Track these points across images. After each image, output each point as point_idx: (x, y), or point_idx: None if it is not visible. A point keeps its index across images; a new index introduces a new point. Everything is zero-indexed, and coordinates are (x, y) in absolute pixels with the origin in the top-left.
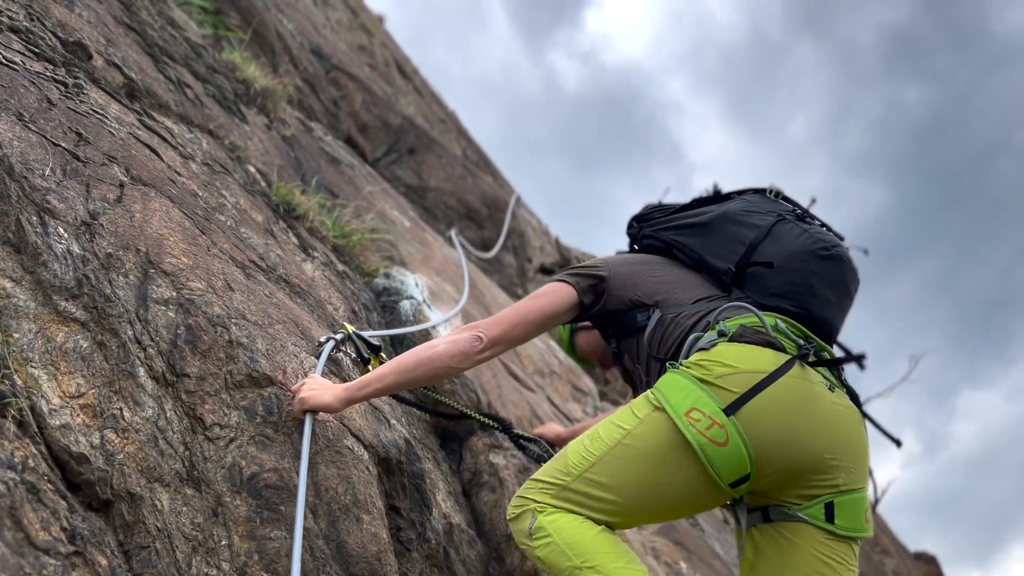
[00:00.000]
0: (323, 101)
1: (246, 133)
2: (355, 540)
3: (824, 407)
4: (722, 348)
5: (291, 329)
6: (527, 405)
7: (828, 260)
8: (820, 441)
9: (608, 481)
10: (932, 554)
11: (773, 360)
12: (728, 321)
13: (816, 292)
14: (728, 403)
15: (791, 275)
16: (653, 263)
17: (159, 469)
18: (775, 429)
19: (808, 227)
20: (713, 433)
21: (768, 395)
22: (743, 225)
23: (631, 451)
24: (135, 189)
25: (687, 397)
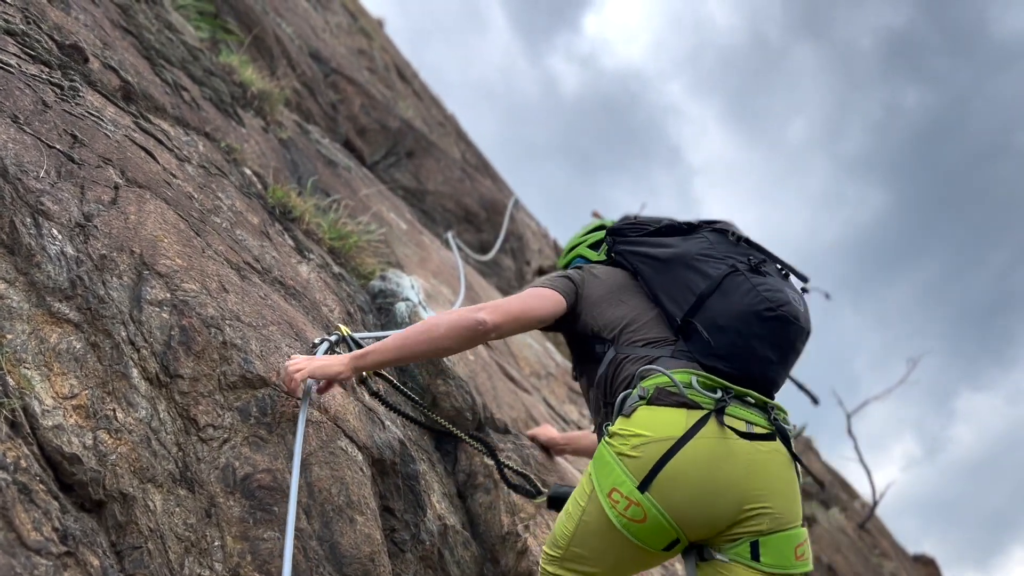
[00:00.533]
0: (321, 104)
1: (242, 136)
2: (349, 541)
3: (738, 461)
4: (639, 414)
5: (285, 331)
6: (523, 407)
7: (773, 322)
8: (735, 496)
9: (585, 553)
10: (931, 556)
11: (684, 422)
12: (646, 381)
13: (756, 354)
14: (642, 478)
15: (733, 336)
16: (620, 288)
17: (152, 470)
18: (689, 494)
19: (761, 280)
20: (632, 512)
21: (678, 462)
22: (697, 272)
23: (590, 527)
24: (130, 191)
25: (608, 477)
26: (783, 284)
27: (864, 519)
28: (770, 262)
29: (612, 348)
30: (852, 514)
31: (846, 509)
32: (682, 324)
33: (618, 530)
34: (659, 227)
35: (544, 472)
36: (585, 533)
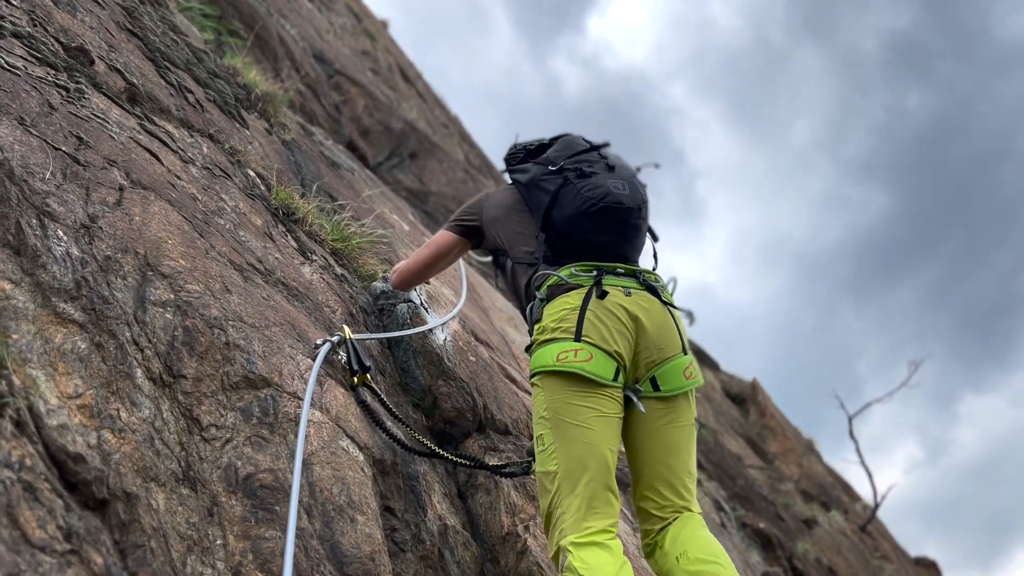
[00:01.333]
0: (325, 106)
1: (246, 137)
2: (349, 540)
3: (626, 306)
4: (545, 310)
5: (288, 331)
6: (523, 408)
7: (598, 214)
8: (631, 328)
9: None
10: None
11: (573, 300)
12: (540, 289)
13: (593, 243)
14: (572, 335)
15: (572, 237)
16: (512, 206)
17: (155, 469)
18: (605, 332)
19: (585, 183)
20: (581, 356)
21: (589, 315)
22: (542, 191)
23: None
24: (135, 192)
25: (548, 355)
26: (607, 178)
27: (865, 521)
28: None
29: (508, 258)
30: (853, 516)
31: (847, 511)
32: (537, 236)
33: (580, 379)
34: (526, 152)
35: None
36: (558, 421)
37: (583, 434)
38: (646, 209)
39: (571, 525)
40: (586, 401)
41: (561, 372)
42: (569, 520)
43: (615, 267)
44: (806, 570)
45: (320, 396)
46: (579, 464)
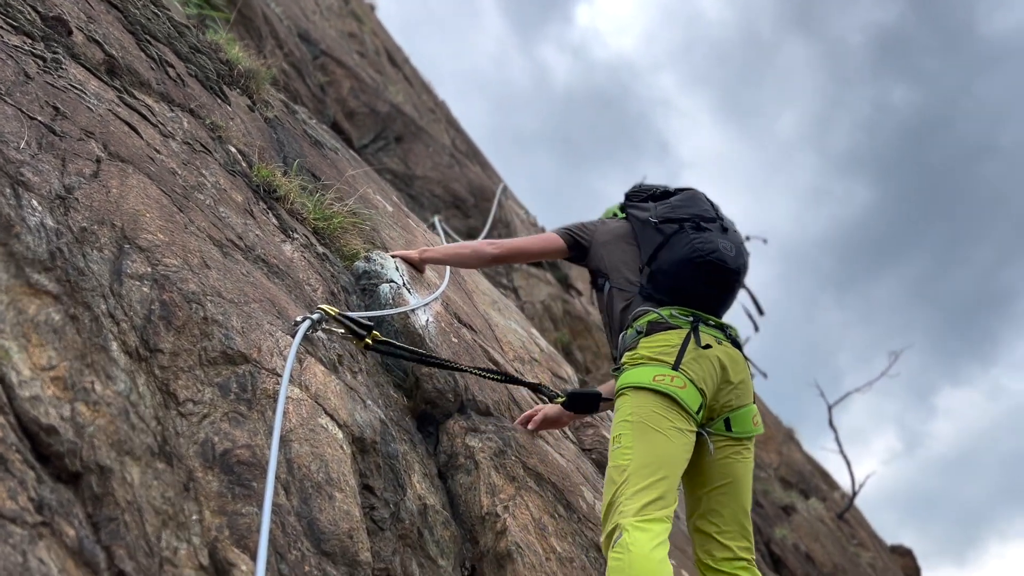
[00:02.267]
0: (309, 86)
1: (228, 113)
2: (327, 517)
3: (716, 354)
4: (643, 342)
5: (267, 308)
6: (505, 390)
7: (703, 266)
8: (717, 376)
9: (646, 451)
10: (908, 548)
11: (675, 337)
12: (638, 321)
13: (691, 290)
14: (672, 363)
15: (674, 280)
16: (622, 236)
17: (130, 443)
18: (698, 371)
19: (698, 235)
20: (676, 382)
21: (687, 354)
22: (658, 231)
23: (643, 418)
24: (112, 165)
25: (646, 374)
26: (718, 237)
27: (843, 509)
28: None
29: (608, 282)
30: (831, 504)
31: (826, 499)
32: (642, 269)
33: (668, 399)
34: (649, 194)
35: (524, 455)
36: (642, 428)
37: (662, 441)
38: (744, 274)
39: (632, 510)
40: (671, 417)
41: (654, 391)
42: (631, 506)
43: (708, 318)
44: (783, 555)
45: (299, 373)
46: (653, 463)
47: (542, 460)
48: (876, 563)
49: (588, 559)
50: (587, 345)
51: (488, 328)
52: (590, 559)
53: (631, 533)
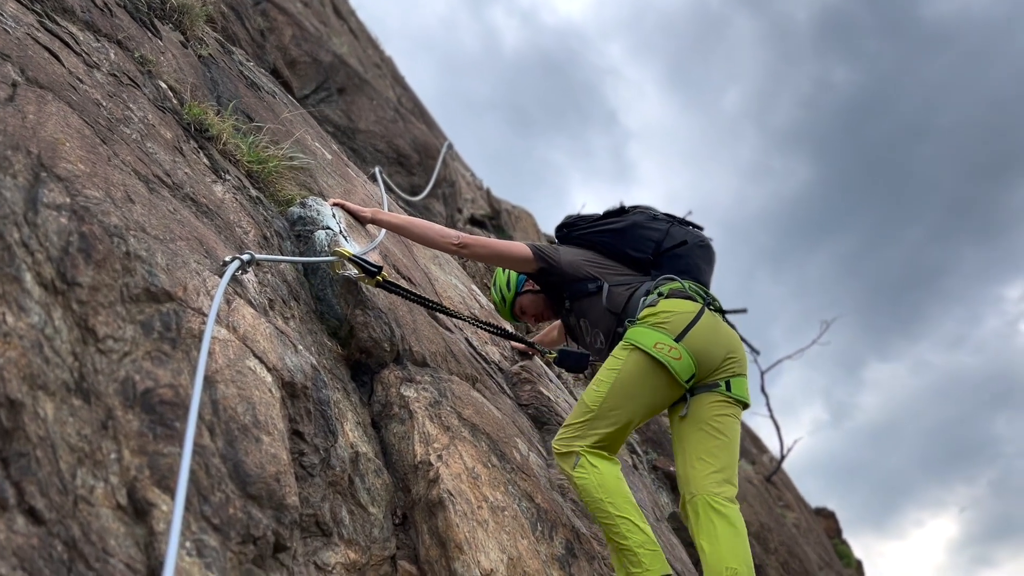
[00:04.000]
0: (248, 29)
1: (159, 48)
2: (253, 460)
3: (721, 330)
4: (663, 303)
5: (195, 247)
6: (442, 342)
7: (704, 248)
8: (722, 349)
9: (616, 403)
10: (831, 510)
11: (693, 307)
12: (663, 287)
13: (700, 267)
14: (676, 335)
15: (686, 259)
16: (585, 254)
17: (44, 377)
18: (701, 345)
19: (685, 228)
20: (673, 354)
21: (696, 328)
22: (649, 229)
23: (625, 379)
24: (30, 90)
25: (651, 338)
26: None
27: (771, 472)
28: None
29: (605, 283)
30: (760, 467)
31: (755, 462)
32: (654, 258)
33: (660, 367)
34: (604, 213)
35: (460, 406)
36: (621, 385)
37: (631, 404)
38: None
39: (586, 444)
40: (656, 383)
41: (651, 356)
42: (585, 441)
43: (714, 299)
44: None
45: (227, 314)
46: (614, 416)
47: (477, 411)
48: (800, 524)
49: (520, 508)
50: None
51: (428, 282)
52: (522, 508)
53: (589, 458)
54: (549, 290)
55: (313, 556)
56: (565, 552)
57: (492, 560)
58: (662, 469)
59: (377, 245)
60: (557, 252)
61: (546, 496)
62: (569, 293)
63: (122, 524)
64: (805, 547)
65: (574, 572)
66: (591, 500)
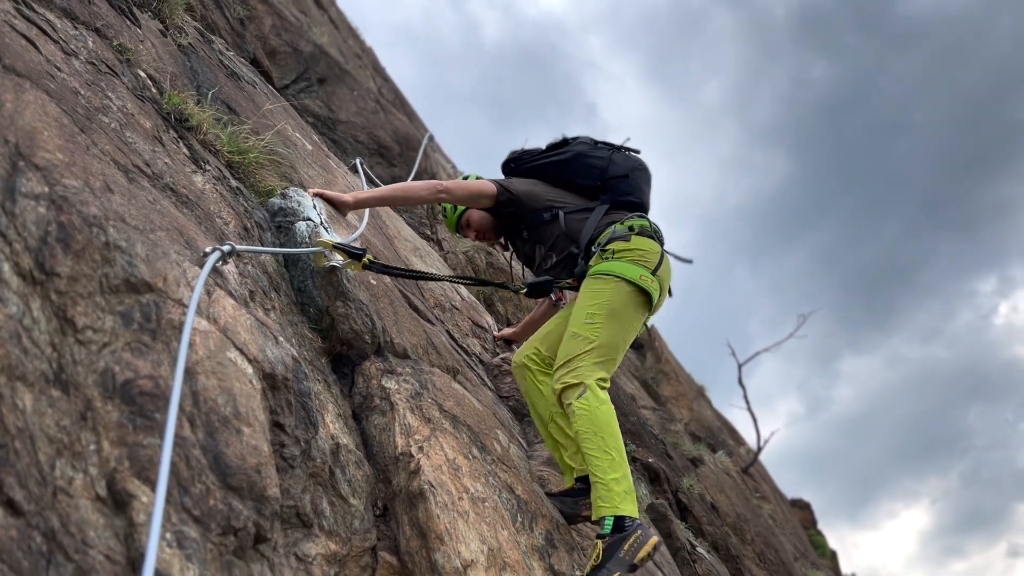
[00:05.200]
0: (228, 18)
1: (138, 36)
2: (234, 451)
3: (668, 265)
4: (636, 240)
5: (175, 237)
6: (424, 334)
7: (643, 171)
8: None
9: (613, 334)
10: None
11: (658, 247)
12: (633, 222)
13: (643, 189)
14: (651, 269)
15: (631, 182)
16: (536, 184)
17: (22, 368)
18: (666, 279)
19: (628, 154)
20: (653, 284)
21: (663, 264)
22: (593, 158)
23: (617, 308)
24: (6, 78)
25: (635, 271)
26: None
27: (748, 464)
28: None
29: (561, 212)
30: (737, 459)
31: (732, 454)
32: (603, 184)
33: (639, 297)
34: (547, 147)
35: (441, 397)
36: (613, 314)
37: (624, 331)
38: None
39: (592, 375)
40: (639, 312)
41: (637, 287)
42: (591, 373)
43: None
44: (690, 504)
45: (208, 305)
46: (613, 346)
47: (458, 403)
48: (777, 515)
49: (501, 499)
50: (508, 297)
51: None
52: (503, 499)
53: (596, 392)
54: (505, 220)
55: (294, 547)
56: (545, 543)
57: (472, 551)
58: (641, 461)
59: (358, 237)
60: (513, 184)
61: (527, 487)
62: (528, 224)
63: (101, 515)
64: (781, 538)
65: (554, 563)
66: (586, 431)
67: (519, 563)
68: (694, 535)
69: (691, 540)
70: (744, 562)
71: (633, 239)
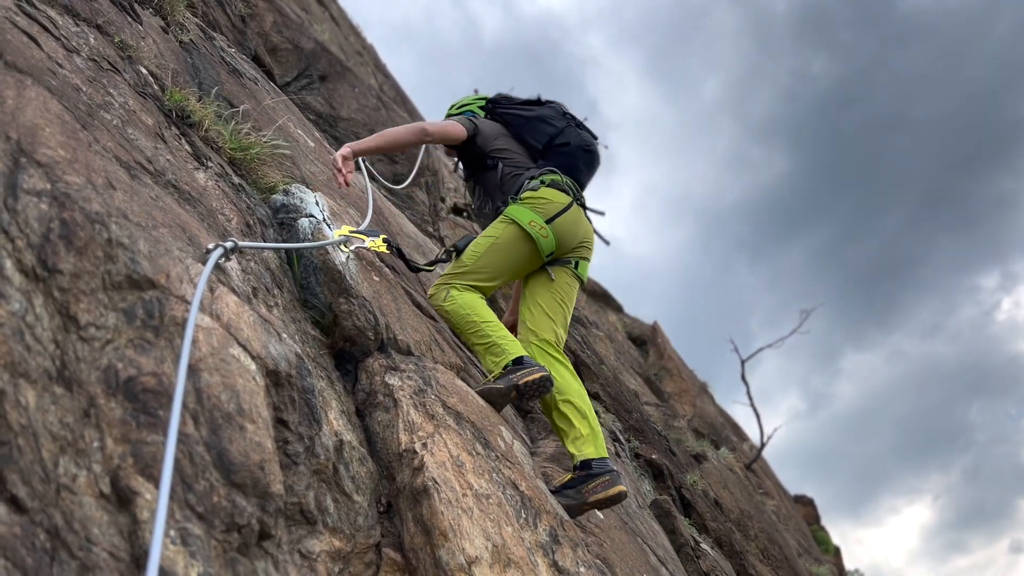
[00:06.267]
0: (229, 15)
1: (139, 33)
2: (238, 448)
3: (581, 221)
4: (543, 191)
5: (177, 234)
6: (427, 331)
7: (588, 152)
8: (579, 236)
9: (488, 263)
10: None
11: (565, 199)
12: (547, 176)
13: (579, 168)
14: (547, 218)
15: (570, 157)
16: (497, 131)
17: (25, 365)
18: (565, 230)
19: (581, 132)
20: (543, 232)
21: (563, 216)
22: (549, 124)
23: (500, 246)
24: (8, 75)
25: (527, 216)
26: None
27: (751, 460)
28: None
29: (501, 164)
30: (740, 455)
31: (735, 450)
32: (544, 148)
33: (530, 241)
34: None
35: (444, 394)
36: (494, 250)
37: (503, 264)
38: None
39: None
40: (525, 253)
41: (524, 231)
42: (458, 281)
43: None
44: (694, 500)
45: (211, 302)
46: (488, 272)
47: (462, 399)
48: (780, 511)
49: (505, 496)
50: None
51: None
52: (507, 496)
53: (458, 291)
54: (464, 156)
55: (298, 544)
56: (549, 539)
57: (477, 547)
58: (644, 457)
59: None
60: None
61: (530, 484)
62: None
63: (105, 512)
64: (785, 534)
65: (558, 559)
66: (459, 318)
67: (523, 560)
68: (698, 531)
69: (695, 536)
70: (748, 558)
71: (541, 189)
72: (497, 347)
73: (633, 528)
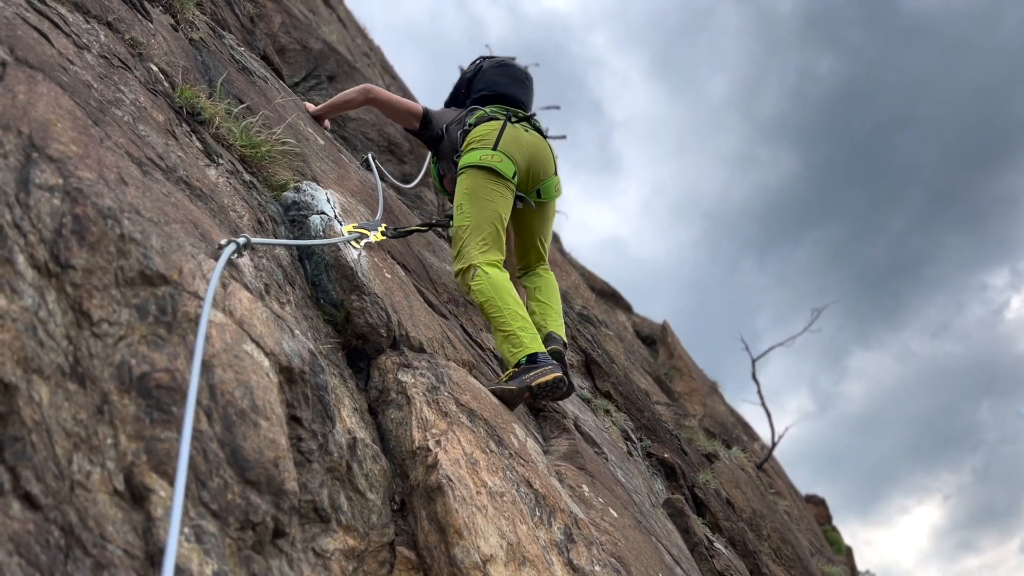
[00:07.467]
0: (239, 15)
1: (149, 30)
2: (252, 445)
3: (522, 135)
4: (474, 131)
5: (189, 230)
6: (439, 328)
7: (502, 67)
8: (526, 148)
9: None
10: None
11: (497, 125)
12: (470, 118)
13: (497, 82)
14: (491, 145)
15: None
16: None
17: (38, 360)
18: (512, 147)
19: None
20: (495, 157)
21: (503, 137)
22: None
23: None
24: (19, 71)
25: (475, 156)
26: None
27: (763, 460)
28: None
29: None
30: (752, 455)
31: (746, 450)
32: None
33: (490, 170)
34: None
35: (457, 391)
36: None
37: (489, 204)
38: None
39: (477, 254)
40: (494, 186)
41: (481, 167)
42: (475, 251)
43: (517, 112)
44: (706, 499)
45: (224, 298)
46: (485, 221)
47: (475, 397)
48: (792, 511)
49: (519, 494)
50: None
51: (423, 269)
52: (521, 494)
53: (484, 268)
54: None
55: (312, 542)
56: (564, 537)
57: (492, 545)
58: (657, 456)
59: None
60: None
61: (544, 481)
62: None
63: (119, 510)
64: (797, 534)
65: (572, 557)
66: (485, 299)
67: (538, 558)
68: (711, 531)
69: (708, 535)
70: (761, 558)
71: (473, 131)
72: (516, 337)
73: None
